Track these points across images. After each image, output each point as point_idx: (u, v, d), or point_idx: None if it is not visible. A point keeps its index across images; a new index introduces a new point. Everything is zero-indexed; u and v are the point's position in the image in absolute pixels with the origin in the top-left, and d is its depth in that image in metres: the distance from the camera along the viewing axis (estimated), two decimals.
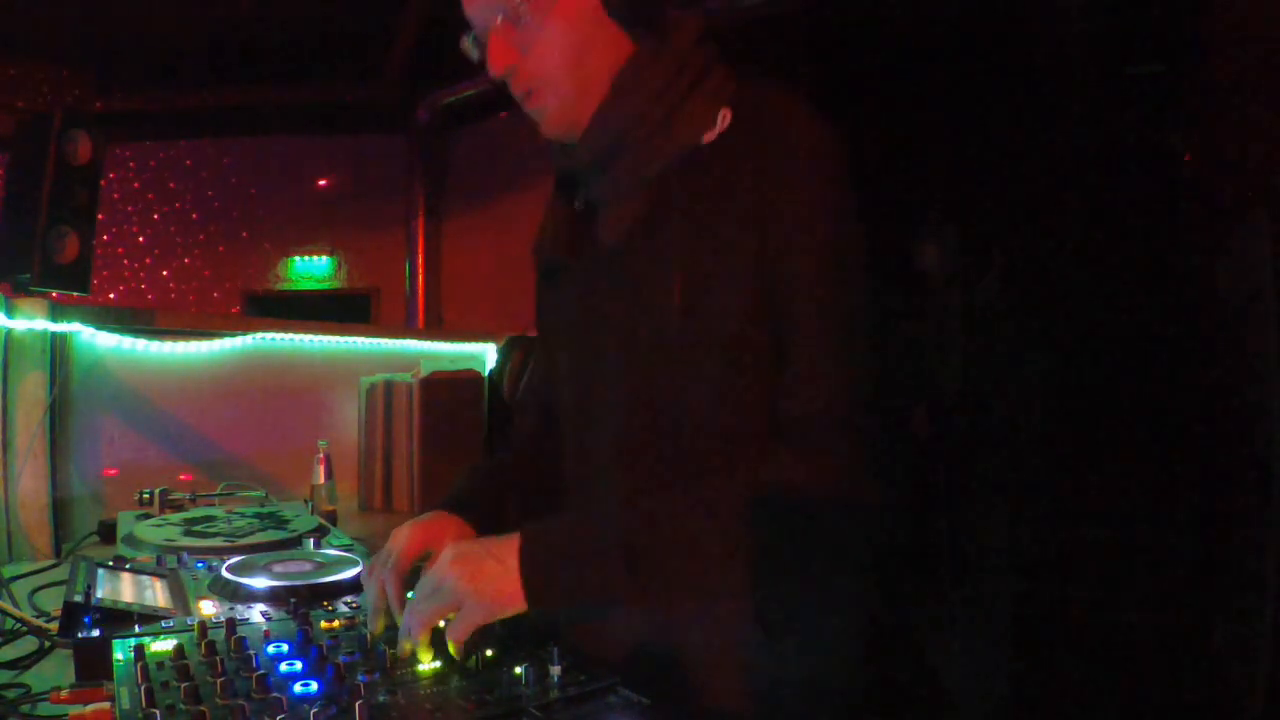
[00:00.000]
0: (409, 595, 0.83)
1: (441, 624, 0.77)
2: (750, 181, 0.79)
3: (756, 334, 0.79)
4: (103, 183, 1.92)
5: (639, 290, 0.85)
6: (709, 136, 0.82)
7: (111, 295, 5.73)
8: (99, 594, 0.92)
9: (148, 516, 1.63)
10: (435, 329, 5.36)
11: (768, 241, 0.78)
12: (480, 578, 0.75)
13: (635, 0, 0.82)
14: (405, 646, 0.76)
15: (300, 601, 0.95)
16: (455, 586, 0.75)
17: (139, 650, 0.74)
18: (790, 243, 0.78)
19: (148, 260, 5.92)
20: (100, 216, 1.91)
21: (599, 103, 0.85)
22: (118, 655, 0.75)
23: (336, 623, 0.87)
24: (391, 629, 0.81)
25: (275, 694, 0.67)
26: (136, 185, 5.88)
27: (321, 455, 1.98)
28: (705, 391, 0.81)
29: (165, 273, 5.95)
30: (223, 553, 1.24)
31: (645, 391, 0.85)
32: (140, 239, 5.90)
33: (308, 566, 1.09)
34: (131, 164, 5.82)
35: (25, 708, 0.80)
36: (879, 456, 0.80)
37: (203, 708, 0.63)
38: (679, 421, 0.83)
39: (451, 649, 0.75)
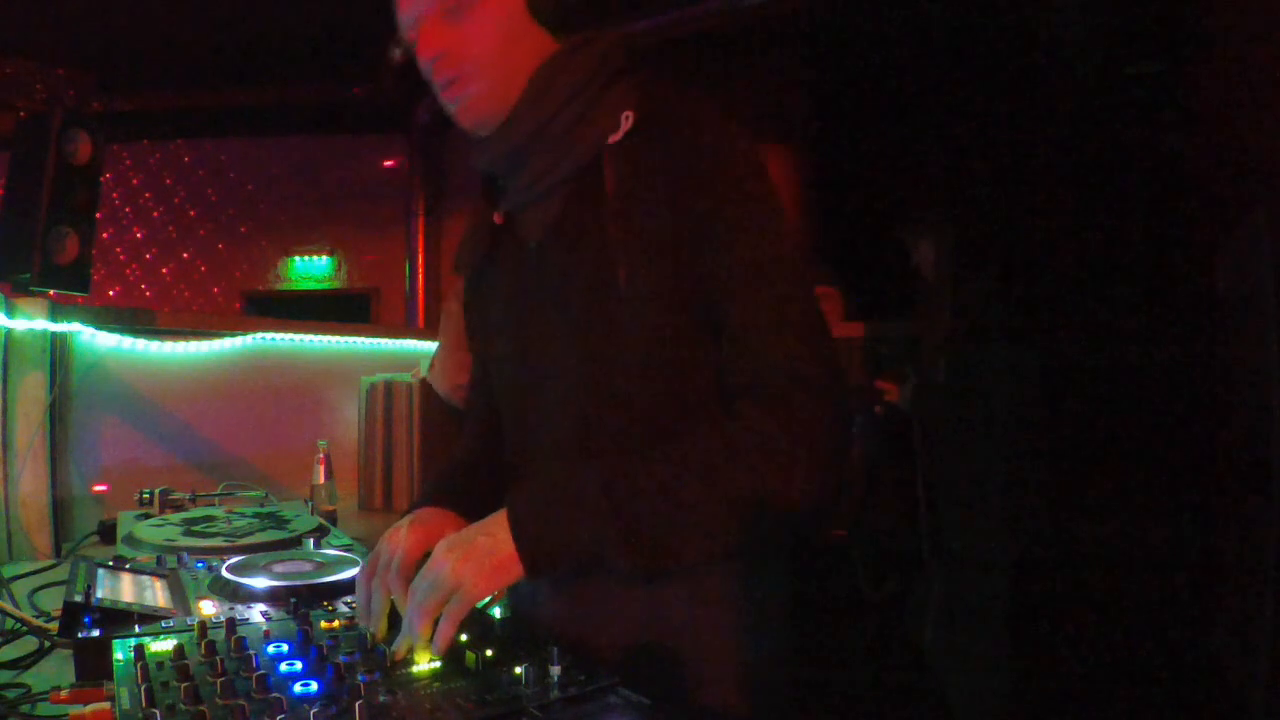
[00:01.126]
0: None
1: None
2: (658, 171, 0.84)
3: (683, 310, 0.84)
4: (102, 180, 1.91)
5: (564, 283, 0.90)
6: (614, 138, 0.87)
7: (111, 293, 5.74)
8: (99, 594, 0.92)
9: (148, 516, 1.63)
10: (435, 329, 5.35)
11: (683, 223, 0.83)
12: (474, 556, 0.76)
13: (557, 4, 0.90)
14: (405, 645, 0.76)
15: (300, 601, 0.95)
16: (452, 571, 0.75)
17: (139, 650, 0.74)
18: (704, 223, 0.83)
19: (147, 257, 5.93)
20: (98, 214, 1.90)
21: (517, 97, 0.90)
22: (118, 655, 0.75)
23: (336, 623, 0.87)
24: (394, 631, 0.81)
25: (275, 694, 0.67)
26: (135, 182, 5.88)
27: (321, 455, 1.98)
28: (640, 371, 0.85)
29: (165, 270, 5.96)
30: (223, 553, 1.24)
31: (583, 376, 0.89)
32: (138, 236, 5.90)
33: (308, 566, 1.09)
34: (128, 161, 5.82)
35: (25, 708, 0.80)
36: (837, 410, 0.82)
37: (203, 708, 0.63)
38: (618, 404, 0.87)
39: (432, 643, 0.75)
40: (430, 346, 2.96)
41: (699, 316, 0.84)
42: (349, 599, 0.99)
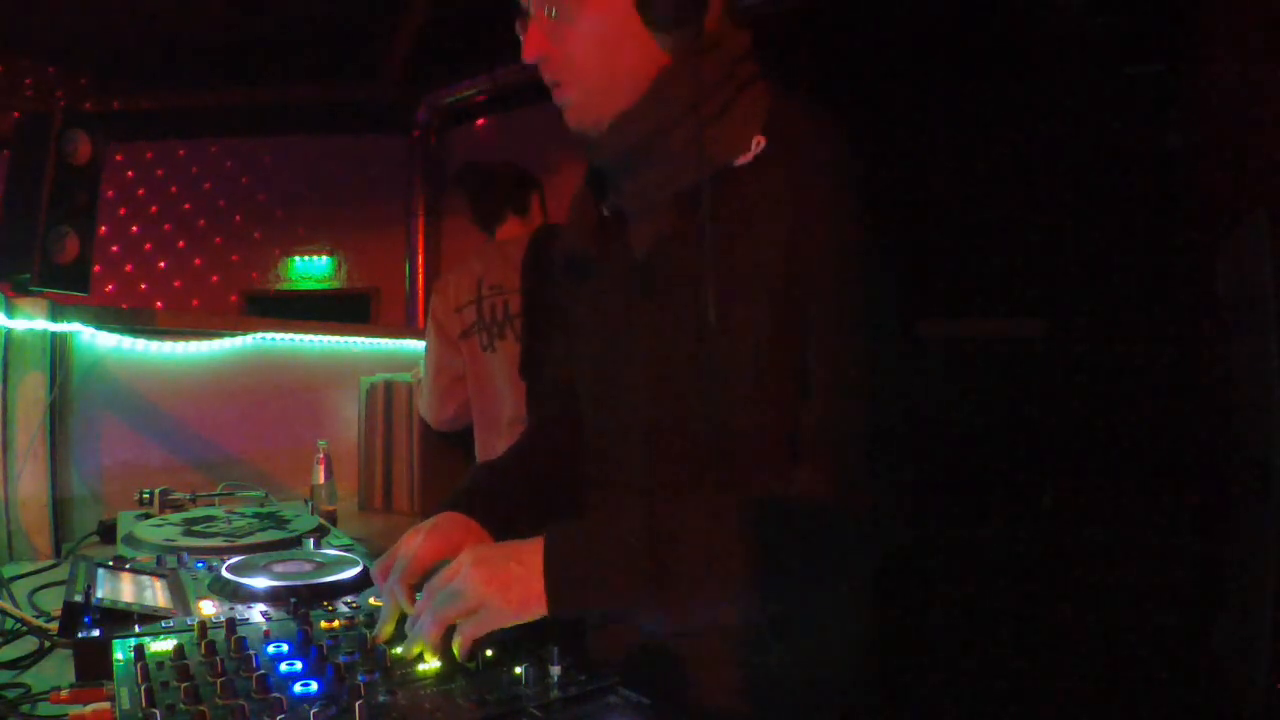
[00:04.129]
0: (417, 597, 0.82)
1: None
2: (780, 209, 0.81)
3: (782, 355, 0.81)
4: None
5: (667, 304, 0.87)
6: (743, 159, 0.83)
7: (109, 287, 5.74)
8: (99, 594, 0.92)
9: (148, 516, 1.63)
10: None
11: (795, 267, 0.80)
12: (502, 581, 0.75)
13: (668, 6, 0.81)
14: (414, 649, 0.76)
15: (300, 601, 0.95)
16: (477, 590, 0.74)
17: (139, 650, 0.74)
18: (817, 271, 0.80)
19: (145, 249, 5.93)
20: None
21: (627, 103, 0.86)
22: (118, 655, 0.75)
23: (336, 623, 0.87)
24: (399, 635, 0.80)
25: (275, 694, 0.67)
26: (131, 175, 5.89)
27: (321, 455, 1.98)
28: (726, 406, 0.82)
29: (162, 264, 5.96)
30: (223, 553, 1.24)
31: (669, 402, 0.87)
32: (134, 231, 5.90)
33: (308, 566, 1.09)
34: (120, 159, 5.81)
35: (25, 708, 0.80)
36: (900, 477, 0.80)
37: (203, 708, 0.63)
38: (699, 434, 0.84)
39: (455, 650, 0.75)
40: None
41: (788, 364, 0.81)
42: (349, 599, 0.99)
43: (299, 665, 0.74)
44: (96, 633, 0.83)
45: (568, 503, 0.99)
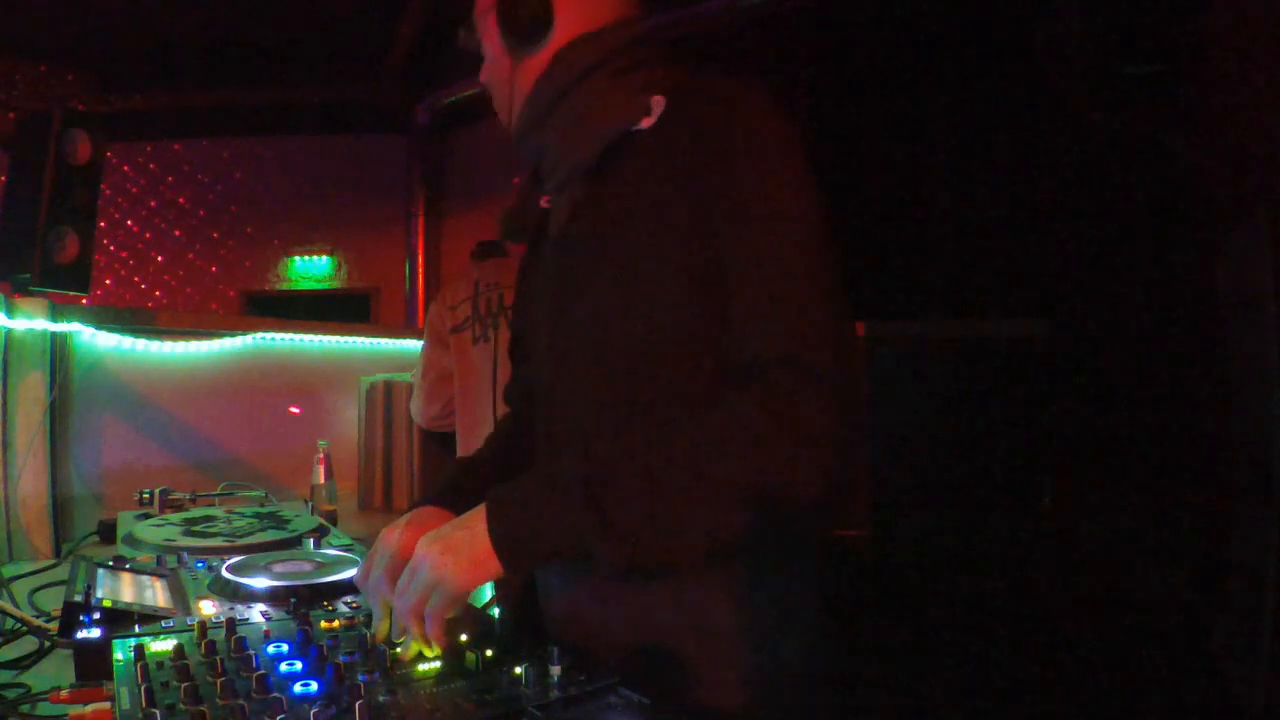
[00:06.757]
0: None
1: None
2: (678, 158, 0.82)
3: (696, 301, 0.80)
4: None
5: (581, 275, 0.90)
6: (646, 122, 0.86)
7: (108, 282, 5.74)
8: (99, 594, 0.92)
9: (148, 516, 1.63)
10: None
11: (699, 217, 0.80)
12: (451, 550, 0.75)
13: (519, 33, 0.91)
14: (413, 648, 0.76)
15: (300, 601, 0.95)
16: (432, 564, 0.75)
17: (139, 650, 0.74)
18: (722, 216, 0.79)
19: (139, 247, 5.93)
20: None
21: (519, 106, 0.94)
22: (118, 655, 0.75)
23: (336, 623, 0.87)
24: (396, 634, 0.81)
25: (275, 694, 0.67)
26: (128, 169, 5.88)
27: (321, 455, 1.98)
28: (650, 363, 0.83)
29: (160, 258, 5.96)
30: (223, 553, 1.24)
31: (598, 372, 0.87)
32: (132, 228, 5.90)
33: (308, 566, 1.10)
34: (113, 158, 5.81)
35: (25, 708, 0.80)
36: (838, 399, 0.75)
37: (203, 708, 0.63)
38: (626, 396, 0.85)
39: (434, 649, 0.75)
40: None
41: (712, 307, 0.79)
42: (349, 599, 0.99)
43: (299, 665, 0.74)
44: (96, 633, 0.83)
45: None
